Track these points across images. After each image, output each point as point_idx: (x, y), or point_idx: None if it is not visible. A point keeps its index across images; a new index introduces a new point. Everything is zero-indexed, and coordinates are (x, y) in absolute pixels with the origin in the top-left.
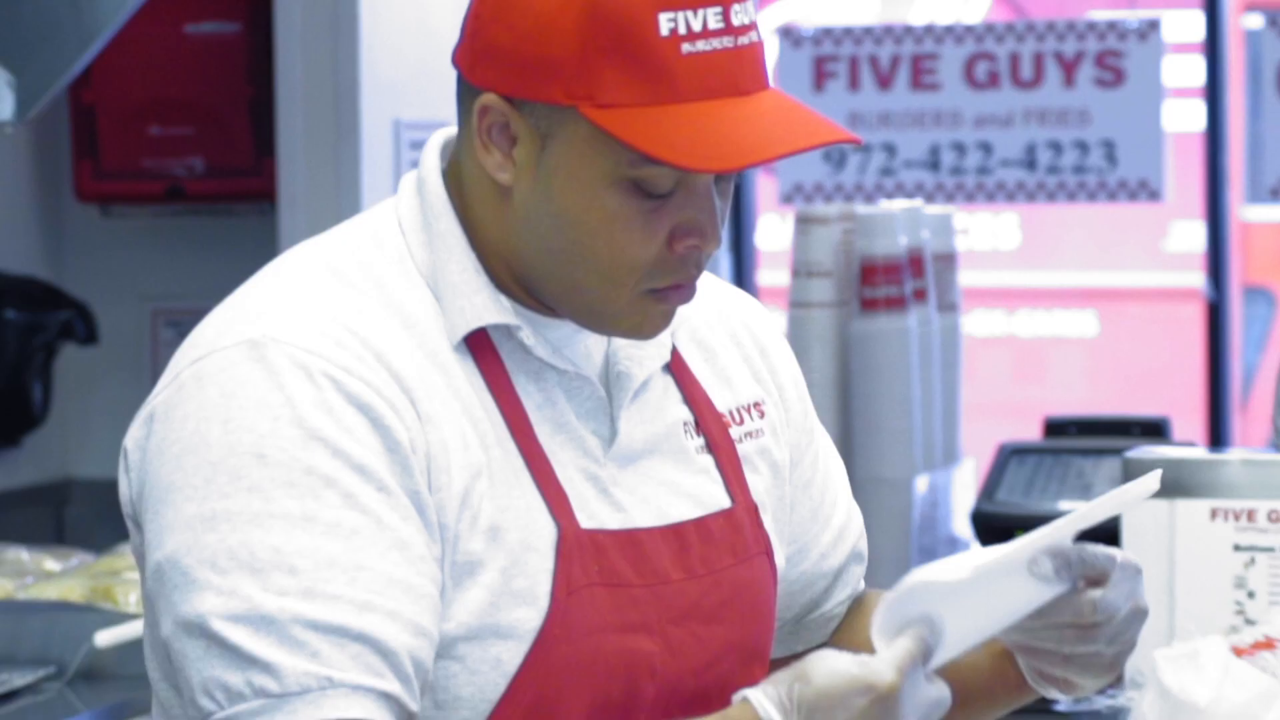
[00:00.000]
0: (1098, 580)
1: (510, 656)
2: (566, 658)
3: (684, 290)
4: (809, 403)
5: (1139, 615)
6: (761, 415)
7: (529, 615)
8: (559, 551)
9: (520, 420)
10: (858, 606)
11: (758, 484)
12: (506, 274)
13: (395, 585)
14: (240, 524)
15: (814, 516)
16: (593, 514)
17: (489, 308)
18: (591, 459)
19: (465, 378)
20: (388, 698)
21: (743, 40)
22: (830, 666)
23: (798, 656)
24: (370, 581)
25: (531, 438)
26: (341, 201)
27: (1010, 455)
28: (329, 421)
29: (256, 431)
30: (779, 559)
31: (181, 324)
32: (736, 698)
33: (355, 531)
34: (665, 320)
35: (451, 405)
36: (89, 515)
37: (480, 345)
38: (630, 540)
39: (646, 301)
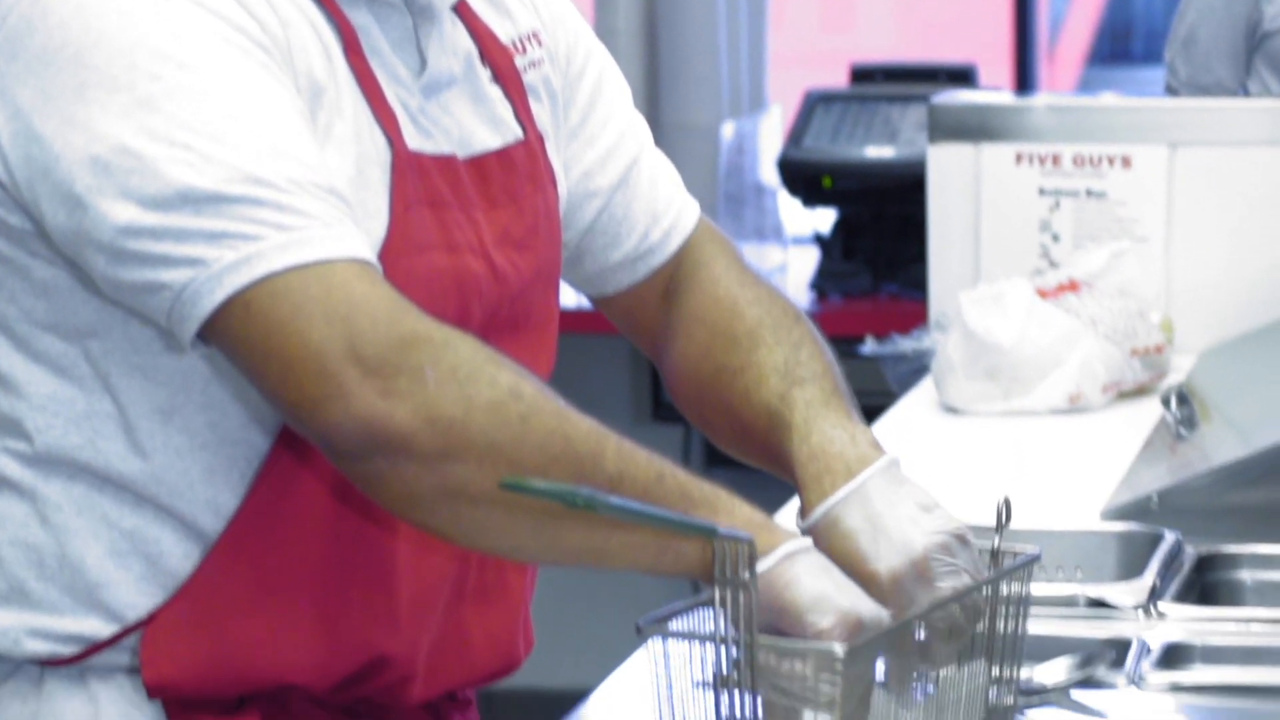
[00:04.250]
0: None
1: None
2: (409, 272)
3: None
4: (577, 20)
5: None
6: (540, 44)
7: (375, 227)
8: (394, 168)
9: (352, 39)
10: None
11: (541, 114)
12: None
13: (316, 151)
14: (185, 99)
15: (583, 123)
16: (410, 138)
17: None
18: (403, 87)
19: None
20: (371, 252)
21: None
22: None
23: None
24: (308, 144)
25: (362, 57)
26: None
27: (817, 102)
28: (221, 4)
29: (159, 15)
30: (562, 189)
31: None
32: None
33: (280, 99)
34: None
35: (295, 14)
36: None
37: None
38: (447, 165)
39: None
